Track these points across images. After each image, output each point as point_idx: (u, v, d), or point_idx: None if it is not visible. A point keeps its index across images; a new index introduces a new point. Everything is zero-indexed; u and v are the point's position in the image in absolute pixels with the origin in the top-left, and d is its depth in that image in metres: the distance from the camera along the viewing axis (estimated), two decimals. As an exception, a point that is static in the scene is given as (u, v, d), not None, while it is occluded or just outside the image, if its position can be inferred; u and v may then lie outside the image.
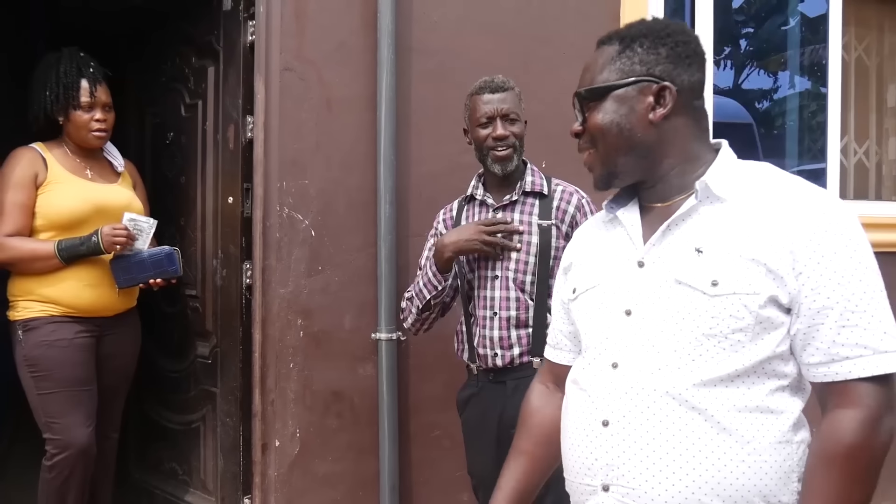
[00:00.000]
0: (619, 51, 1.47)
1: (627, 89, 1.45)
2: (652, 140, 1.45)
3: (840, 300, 1.29)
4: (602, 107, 1.47)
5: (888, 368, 1.28)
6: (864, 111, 4.65)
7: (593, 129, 1.49)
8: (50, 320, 2.92)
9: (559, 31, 3.43)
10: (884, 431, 1.27)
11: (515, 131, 2.54)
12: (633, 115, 1.44)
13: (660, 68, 1.43)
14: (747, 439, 1.32)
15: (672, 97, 1.42)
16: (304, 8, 3.00)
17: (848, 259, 1.30)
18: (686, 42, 1.46)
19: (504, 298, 2.53)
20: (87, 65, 3.05)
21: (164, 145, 3.61)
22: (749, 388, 1.33)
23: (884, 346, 1.28)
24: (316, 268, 3.03)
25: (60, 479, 2.90)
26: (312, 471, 3.06)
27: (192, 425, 3.45)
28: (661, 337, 1.38)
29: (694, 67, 1.46)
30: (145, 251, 3.03)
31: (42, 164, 2.95)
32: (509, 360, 2.52)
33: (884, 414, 1.27)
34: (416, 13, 3.16)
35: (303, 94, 3.00)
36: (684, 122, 1.45)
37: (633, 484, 1.37)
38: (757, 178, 1.41)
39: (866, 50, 4.61)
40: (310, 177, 3.01)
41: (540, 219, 2.55)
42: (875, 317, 1.29)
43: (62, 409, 2.90)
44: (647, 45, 1.45)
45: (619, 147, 1.47)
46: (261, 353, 2.99)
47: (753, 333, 1.32)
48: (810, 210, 1.33)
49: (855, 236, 1.32)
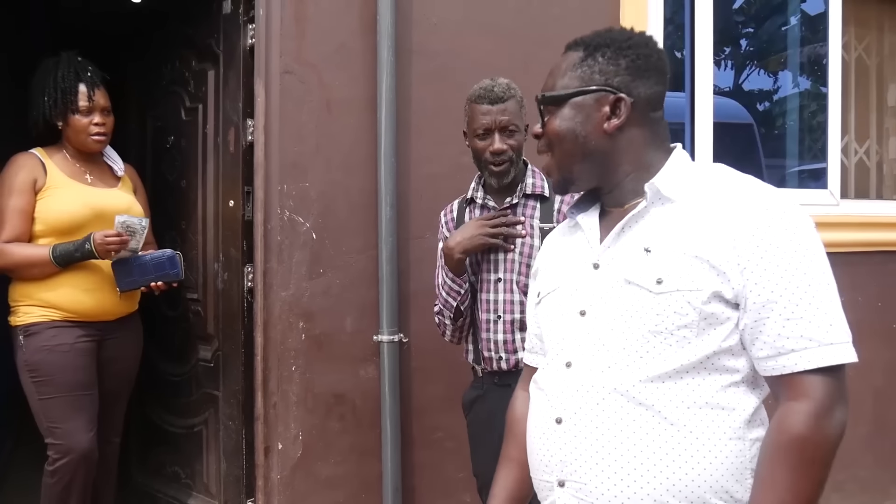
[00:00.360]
0: (581, 58, 1.51)
1: (585, 98, 1.49)
2: (606, 149, 1.49)
3: (784, 293, 1.30)
4: (560, 113, 1.52)
5: (834, 360, 1.28)
6: (865, 111, 4.64)
7: (550, 134, 1.54)
8: (51, 325, 2.92)
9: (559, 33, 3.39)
10: (834, 423, 1.28)
11: (513, 143, 2.48)
12: (589, 123, 1.48)
13: (618, 79, 1.47)
14: (696, 435, 1.33)
15: (627, 109, 1.46)
16: (303, 11, 3.00)
17: (792, 252, 1.31)
18: (647, 55, 1.49)
19: (508, 301, 2.51)
20: (84, 69, 3.04)
21: (165, 149, 3.61)
22: (698, 384, 1.35)
23: (829, 337, 1.29)
24: (317, 270, 3.03)
25: (62, 484, 2.89)
26: (315, 473, 3.06)
27: (195, 429, 3.45)
28: (611, 335, 1.41)
29: (652, 80, 1.49)
30: (147, 254, 3.02)
31: (41, 170, 2.95)
32: (514, 363, 2.50)
33: (833, 405, 1.28)
34: (416, 15, 3.16)
35: (303, 97, 3.00)
36: (640, 132, 1.49)
37: (585, 479, 1.40)
38: (707, 178, 1.44)
39: (866, 49, 4.61)
40: (310, 179, 3.01)
41: (541, 221, 2.52)
42: (820, 309, 1.29)
43: (64, 414, 2.90)
44: (609, 56, 1.48)
45: (573, 154, 1.51)
46: (263, 357, 2.99)
47: (699, 329, 1.35)
48: (754, 206, 1.34)
49: (800, 230, 1.33)
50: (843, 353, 1.29)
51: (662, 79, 1.51)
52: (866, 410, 4.19)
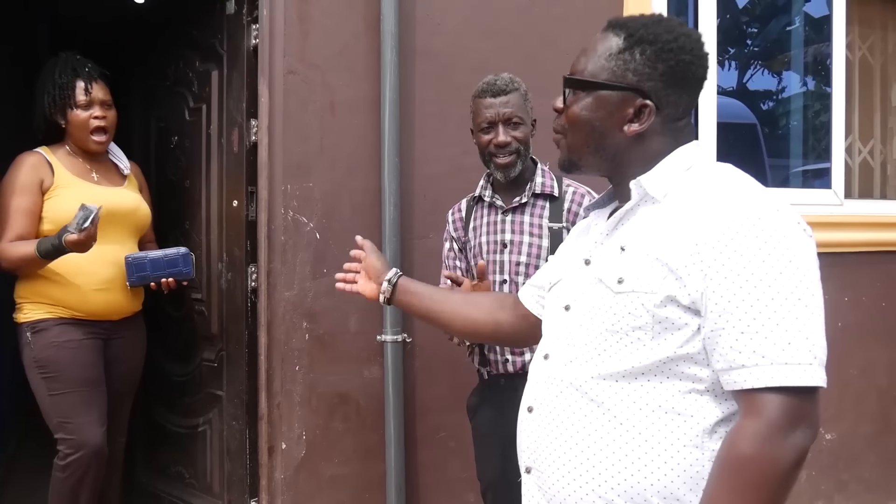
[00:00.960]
0: (620, 48, 1.44)
1: (612, 94, 1.43)
2: (620, 148, 1.46)
3: (742, 304, 1.23)
4: (584, 100, 1.47)
5: (787, 381, 1.20)
6: (869, 110, 4.63)
7: (569, 117, 1.50)
8: (58, 322, 2.92)
9: (563, 33, 3.43)
10: (786, 447, 1.19)
11: (518, 136, 2.46)
12: (609, 120, 1.44)
13: (650, 84, 1.41)
14: (646, 437, 1.31)
15: (650, 117, 1.42)
16: (307, 11, 3.00)
17: (759, 261, 1.23)
18: (688, 63, 1.42)
19: None
20: (82, 65, 3.05)
21: (169, 149, 3.61)
22: (654, 387, 1.32)
23: (785, 356, 1.20)
24: (321, 270, 3.03)
25: (74, 479, 2.90)
26: (319, 473, 3.06)
27: (199, 429, 3.45)
28: (578, 331, 1.43)
29: (686, 91, 1.44)
30: (162, 251, 3.05)
31: (48, 169, 2.95)
32: (520, 365, 2.48)
33: (787, 428, 1.20)
34: (419, 15, 3.17)
35: (306, 98, 3.01)
36: (659, 141, 1.44)
37: (544, 468, 1.44)
38: (698, 178, 1.39)
39: (870, 49, 4.60)
40: (314, 180, 3.02)
41: (550, 221, 2.49)
42: (781, 325, 1.21)
43: (75, 409, 2.91)
44: (648, 55, 1.41)
45: (586, 144, 1.48)
46: (266, 356, 3.00)
47: (654, 332, 1.32)
48: (725, 209, 1.28)
49: (773, 239, 1.24)
50: (799, 374, 1.20)
51: (696, 90, 1.46)
52: (870, 410, 4.18)
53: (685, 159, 1.43)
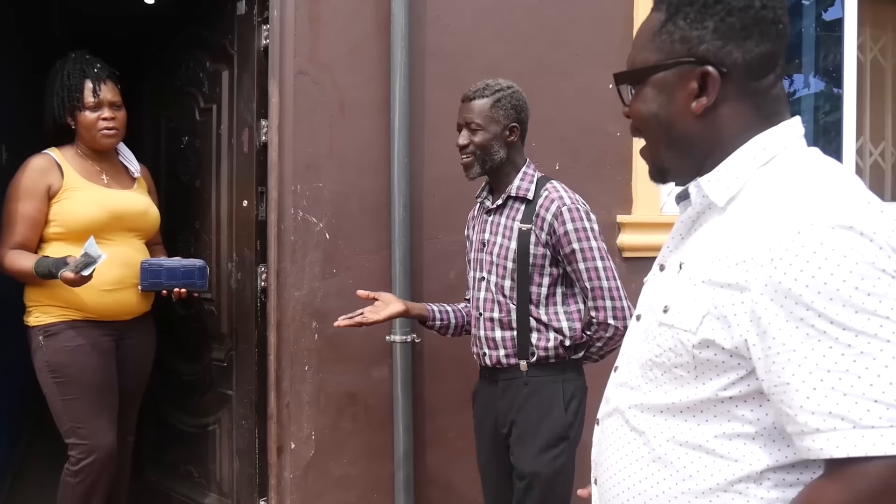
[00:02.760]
0: (661, 22, 1.23)
1: (666, 73, 1.22)
2: (695, 133, 1.22)
3: (808, 351, 1.01)
4: (642, 93, 1.27)
5: (875, 450, 0.97)
6: (880, 112, 4.62)
7: (634, 117, 1.30)
8: (71, 325, 2.92)
9: (573, 35, 3.43)
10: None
11: (476, 140, 2.55)
12: (674, 104, 1.22)
13: (704, 47, 1.18)
14: (682, 476, 1.18)
15: (716, 84, 1.18)
16: (317, 12, 3.00)
17: (824, 299, 0.99)
18: (744, 8, 1.17)
19: (489, 300, 2.59)
20: (91, 65, 3.03)
21: (179, 149, 3.62)
22: (698, 424, 1.17)
23: (871, 418, 0.97)
24: (330, 270, 3.03)
25: (86, 485, 2.89)
26: (327, 473, 3.07)
27: (208, 428, 3.46)
28: (633, 350, 1.31)
29: (752, 40, 1.17)
30: (179, 260, 3.04)
31: (57, 173, 2.94)
32: (496, 360, 2.58)
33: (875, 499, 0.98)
34: (429, 16, 3.17)
35: (317, 98, 3.01)
36: (737, 109, 1.20)
37: (602, 482, 1.35)
38: (775, 179, 1.15)
39: (882, 51, 4.58)
40: (324, 180, 3.02)
41: (522, 223, 2.57)
42: (862, 378, 0.97)
43: (87, 414, 2.90)
44: (692, 17, 1.19)
45: (659, 140, 1.27)
46: (276, 356, 3.00)
47: (697, 372, 1.16)
48: (784, 226, 1.05)
49: (842, 265, 0.99)
50: (890, 440, 0.96)
51: (769, 34, 1.17)
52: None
53: (761, 150, 1.19)
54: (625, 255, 3.52)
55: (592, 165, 3.45)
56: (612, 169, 3.51)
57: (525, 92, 3.29)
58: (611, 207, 3.51)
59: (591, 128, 3.44)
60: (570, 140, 3.41)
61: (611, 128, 3.49)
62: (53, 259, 2.81)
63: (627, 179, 3.55)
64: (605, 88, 3.42)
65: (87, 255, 2.69)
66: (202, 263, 3.06)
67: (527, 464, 2.52)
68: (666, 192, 3.61)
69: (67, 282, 2.72)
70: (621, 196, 3.54)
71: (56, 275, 2.74)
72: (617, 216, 3.52)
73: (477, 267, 2.64)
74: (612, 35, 3.52)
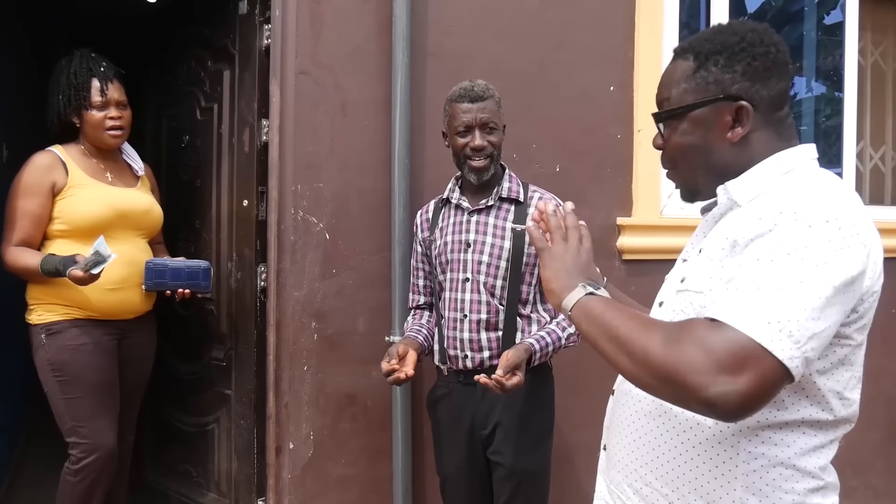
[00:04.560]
0: (694, 68, 1.45)
1: (704, 110, 1.44)
2: (729, 158, 1.44)
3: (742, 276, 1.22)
4: (680, 127, 1.47)
5: (740, 324, 1.16)
6: (881, 116, 4.62)
7: (673, 150, 1.50)
8: (74, 323, 2.92)
9: (575, 36, 3.43)
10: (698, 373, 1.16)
11: (493, 140, 2.56)
12: (712, 135, 1.44)
13: (736, 87, 1.41)
14: (684, 427, 1.38)
15: (749, 116, 1.41)
16: (319, 12, 3.01)
17: (777, 248, 1.22)
18: (764, 54, 1.41)
19: (475, 301, 2.57)
20: (98, 64, 3.04)
21: (180, 148, 3.62)
22: None
23: (752, 308, 1.17)
24: (330, 271, 3.03)
25: (87, 483, 2.90)
26: (326, 473, 3.07)
27: (207, 427, 3.46)
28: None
29: (773, 79, 1.42)
30: (184, 261, 3.05)
31: (62, 170, 2.94)
32: (479, 362, 2.57)
33: (713, 362, 1.15)
34: (431, 17, 3.17)
35: (318, 98, 3.01)
36: (763, 136, 1.43)
37: (612, 447, 1.55)
38: (790, 184, 1.36)
39: (883, 54, 4.58)
40: (324, 180, 3.02)
41: (514, 223, 2.58)
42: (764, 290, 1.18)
43: (89, 413, 2.91)
44: (723, 63, 1.42)
45: (697, 167, 1.48)
46: (275, 356, 3.00)
47: None
48: (771, 210, 1.27)
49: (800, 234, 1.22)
50: (755, 326, 1.16)
51: (784, 73, 1.43)
52: (878, 417, 4.17)
53: (783, 163, 1.42)
54: (624, 257, 3.52)
55: (593, 167, 3.45)
56: (612, 171, 3.51)
57: (526, 93, 3.31)
58: (611, 209, 3.51)
59: (591, 130, 3.44)
60: (571, 142, 3.41)
61: (612, 130, 3.49)
62: (61, 257, 2.81)
63: (628, 182, 3.54)
64: (607, 90, 3.43)
65: (97, 253, 2.71)
66: (206, 265, 3.06)
67: (518, 460, 2.53)
68: (666, 194, 3.60)
69: (76, 280, 2.72)
70: (622, 198, 3.54)
71: (63, 273, 2.75)
72: (617, 218, 3.52)
73: (459, 268, 2.60)
74: (614, 37, 3.52)
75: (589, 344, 1.37)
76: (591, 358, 1.73)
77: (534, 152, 3.33)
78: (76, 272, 2.71)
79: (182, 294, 3.03)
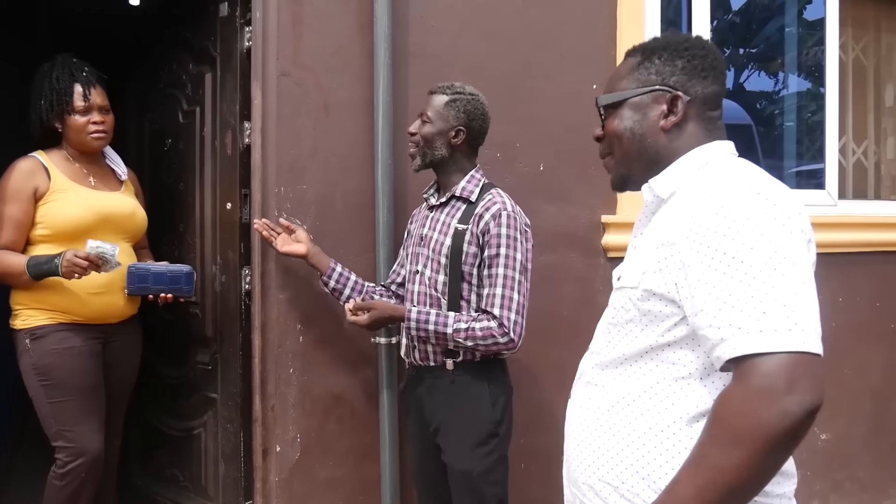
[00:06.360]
0: (639, 62, 1.57)
1: (643, 97, 1.54)
2: (661, 145, 1.53)
3: (716, 283, 1.25)
4: (619, 113, 1.58)
5: (764, 347, 1.18)
6: (863, 111, 4.65)
7: (611, 134, 1.61)
8: (58, 328, 2.91)
9: (558, 36, 3.43)
10: (773, 410, 1.15)
11: (423, 131, 2.64)
12: (646, 121, 1.54)
13: (674, 79, 1.52)
14: (629, 420, 1.43)
15: (683, 106, 1.51)
16: (300, 13, 3.00)
17: (729, 240, 1.25)
18: (703, 56, 1.53)
19: (421, 293, 2.64)
20: (80, 69, 3.03)
21: (163, 152, 3.61)
22: (644, 373, 1.43)
23: (760, 325, 1.19)
24: (315, 272, 3.02)
25: (72, 488, 2.89)
26: (313, 476, 3.06)
27: (193, 431, 3.45)
28: (599, 326, 1.61)
29: (709, 80, 1.52)
30: (167, 265, 3.04)
31: (44, 175, 2.93)
32: (424, 354, 2.62)
33: (772, 393, 1.16)
34: (412, 17, 3.16)
35: (300, 100, 3.00)
36: (694, 129, 1.53)
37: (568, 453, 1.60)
38: (709, 175, 1.43)
39: (864, 50, 4.61)
40: (307, 182, 3.01)
41: (459, 222, 2.61)
42: (755, 297, 1.21)
43: (74, 417, 2.90)
44: (665, 58, 1.54)
45: (631, 151, 1.57)
46: (261, 359, 2.99)
47: (643, 324, 1.43)
48: (701, 198, 1.34)
49: (742, 217, 1.26)
50: (777, 341, 1.18)
51: (719, 79, 1.54)
52: (864, 410, 4.19)
53: (701, 156, 1.50)
54: (610, 255, 3.53)
55: (578, 166, 3.46)
56: (597, 169, 3.46)
57: (510, 93, 3.31)
58: (596, 207, 3.52)
59: (576, 128, 3.43)
60: (556, 140, 3.41)
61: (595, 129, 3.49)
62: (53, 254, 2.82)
63: (612, 179, 3.55)
64: (591, 89, 3.43)
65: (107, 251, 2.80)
66: (189, 269, 3.05)
67: (458, 461, 2.55)
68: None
69: (72, 258, 2.74)
70: (606, 196, 3.54)
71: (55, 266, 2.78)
72: (602, 216, 3.52)
73: (414, 261, 2.70)
74: (597, 36, 3.52)
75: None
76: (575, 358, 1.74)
77: (518, 151, 3.33)
78: (77, 258, 2.75)
79: (164, 298, 3.02)
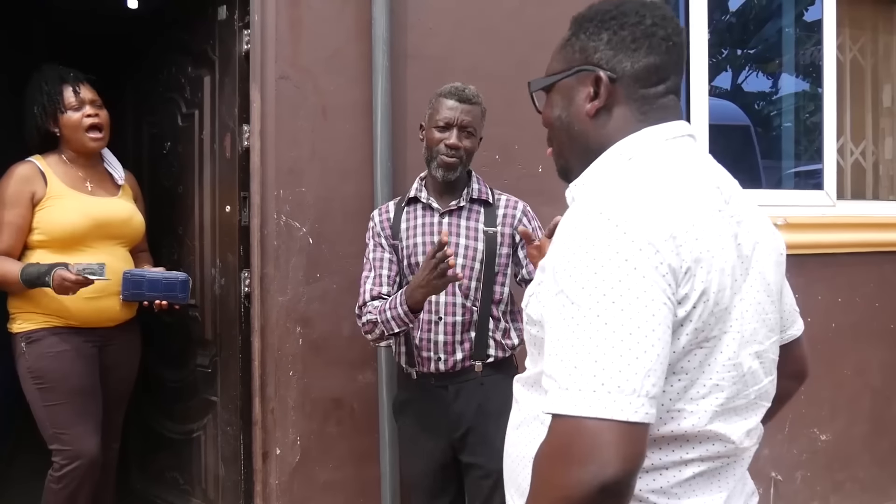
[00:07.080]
0: (567, 37, 1.37)
1: (569, 80, 1.34)
2: (589, 133, 1.32)
3: (553, 324, 1.10)
4: (550, 99, 1.39)
5: (560, 408, 1.04)
6: (860, 111, 4.65)
7: (544, 121, 1.42)
8: (53, 331, 2.92)
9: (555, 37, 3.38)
10: (569, 476, 1.00)
11: (468, 145, 2.59)
12: (573, 107, 1.33)
13: (598, 55, 1.29)
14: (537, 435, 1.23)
15: (606, 87, 1.28)
16: (298, 16, 3.00)
17: (567, 276, 1.09)
18: (635, 24, 1.28)
19: (450, 304, 2.56)
20: (66, 72, 3.05)
21: (162, 155, 3.61)
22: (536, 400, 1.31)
23: (568, 381, 1.04)
24: (314, 275, 3.03)
25: (69, 490, 2.89)
26: (313, 478, 3.06)
27: (193, 434, 3.45)
28: None
29: (641, 52, 1.27)
30: (162, 273, 3.04)
31: (41, 180, 2.94)
32: (452, 364, 2.57)
33: (567, 457, 1.02)
34: (410, 19, 3.17)
35: (298, 102, 3.00)
36: (624, 112, 1.29)
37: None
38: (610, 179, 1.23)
39: (861, 50, 4.61)
40: (306, 184, 3.01)
41: (485, 226, 2.60)
42: (574, 346, 1.05)
43: (70, 420, 2.90)
44: (591, 31, 1.31)
45: (563, 140, 1.38)
46: (260, 362, 2.99)
47: (537, 348, 1.27)
48: (565, 221, 1.18)
49: (582, 249, 1.09)
50: (577, 402, 1.02)
51: (657, 49, 1.28)
52: (864, 410, 4.19)
53: (625, 150, 1.28)
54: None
55: (575, 167, 3.45)
56: (595, 170, 3.51)
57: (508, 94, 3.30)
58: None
59: (573, 130, 3.44)
60: (553, 142, 3.41)
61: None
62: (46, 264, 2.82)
63: (610, 181, 3.55)
64: (587, 90, 3.43)
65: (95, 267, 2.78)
66: (185, 276, 3.05)
67: (495, 461, 2.53)
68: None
69: (61, 282, 2.74)
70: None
71: (46, 278, 2.76)
72: (600, 217, 3.52)
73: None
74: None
75: None
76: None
77: (516, 153, 3.33)
78: (66, 273, 2.73)
79: (159, 305, 3.03)
